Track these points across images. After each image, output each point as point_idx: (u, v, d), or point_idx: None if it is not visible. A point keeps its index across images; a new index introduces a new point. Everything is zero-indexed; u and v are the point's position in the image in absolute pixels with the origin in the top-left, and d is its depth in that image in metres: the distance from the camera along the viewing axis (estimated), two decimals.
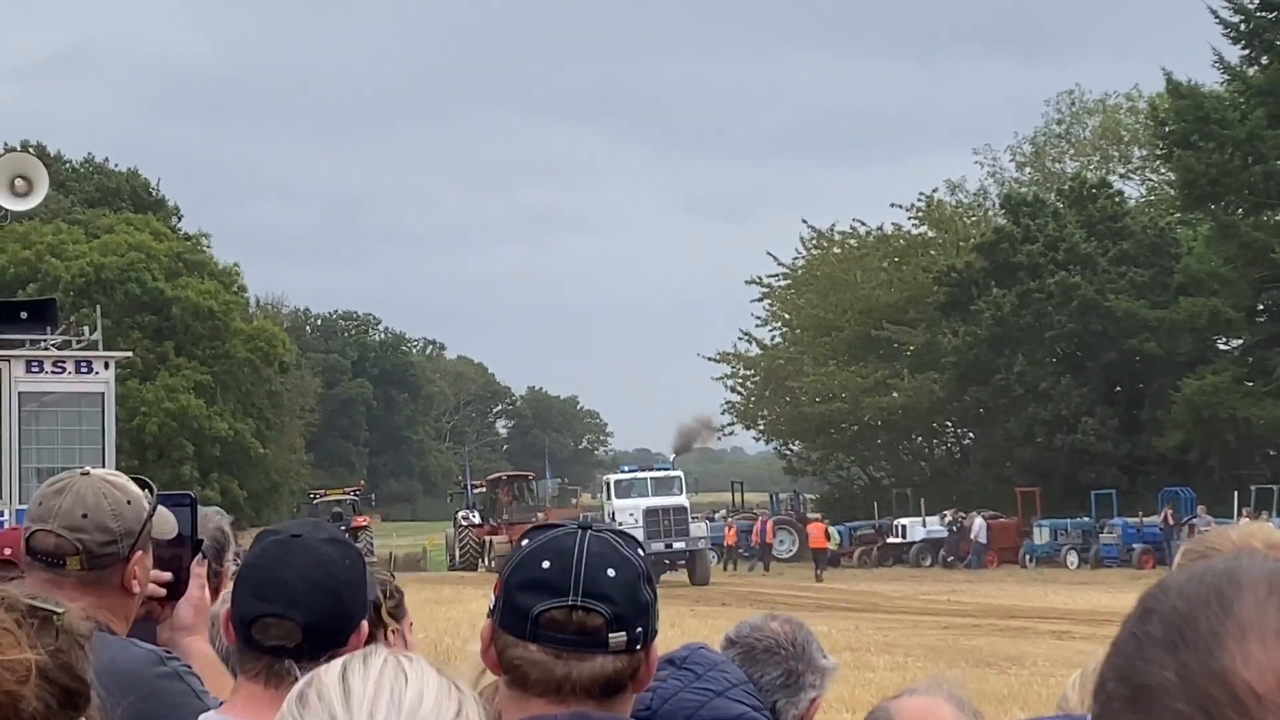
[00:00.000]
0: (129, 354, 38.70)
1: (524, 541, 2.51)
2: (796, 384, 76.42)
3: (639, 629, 2.44)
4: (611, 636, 2.40)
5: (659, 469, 54.42)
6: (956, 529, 58.95)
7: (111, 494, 3.39)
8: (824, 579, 50.19)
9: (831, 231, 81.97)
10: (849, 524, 64.63)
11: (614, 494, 51.89)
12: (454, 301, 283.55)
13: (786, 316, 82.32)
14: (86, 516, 3.34)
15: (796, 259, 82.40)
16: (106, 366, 22.08)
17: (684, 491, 51.78)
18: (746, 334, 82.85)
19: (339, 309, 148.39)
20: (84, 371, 21.55)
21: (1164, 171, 71.92)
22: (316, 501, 68.28)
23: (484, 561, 59.71)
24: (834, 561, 56.09)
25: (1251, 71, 59.83)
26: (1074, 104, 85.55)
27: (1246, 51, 60.06)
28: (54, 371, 21.39)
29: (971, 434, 76.19)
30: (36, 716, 1.89)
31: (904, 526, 61.30)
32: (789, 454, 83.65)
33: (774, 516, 64.10)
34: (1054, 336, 64.59)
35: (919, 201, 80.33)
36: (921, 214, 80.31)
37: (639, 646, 2.44)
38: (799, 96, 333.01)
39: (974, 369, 67.00)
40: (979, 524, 57.82)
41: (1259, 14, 59.03)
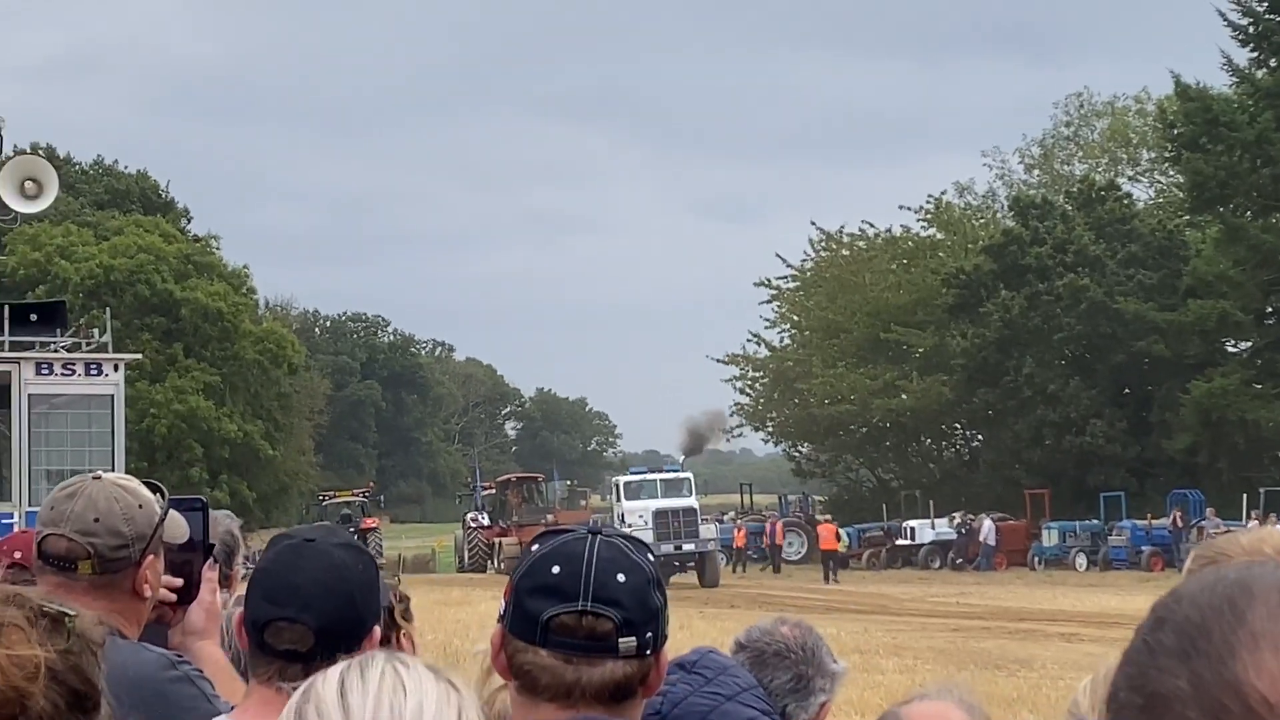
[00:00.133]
0: (138, 356, 38.79)
1: (534, 547, 2.52)
2: (805, 386, 76.35)
3: (649, 634, 2.44)
4: (621, 642, 2.41)
5: (668, 471, 54.30)
6: (965, 531, 58.85)
7: (123, 498, 3.39)
8: (838, 581, 50.11)
9: (840, 233, 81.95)
10: (858, 526, 64.50)
11: (623, 496, 51.78)
12: (460, 302, 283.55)
13: (795, 318, 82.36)
14: (98, 521, 3.34)
15: (805, 261, 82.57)
16: (116, 368, 22.12)
17: (693, 493, 51.64)
18: (755, 336, 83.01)
19: (348, 310, 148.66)
20: (93, 373, 21.60)
21: (1173, 174, 71.83)
22: (325, 503, 68.11)
23: (493, 563, 59.71)
24: (843, 563, 56.03)
25: (1260, 74, 59.79)
26: (1082, 106, 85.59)
27: (1255, 54, 60.03)
28: (64, 373, 21.45)
29: (980, 436, 76.05)
30: (44, 716, 1.88)
31: (913, 529, 61.17)
32: (798, 456, 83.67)
33: (783, 518, 64.09)
34: (1063, 339, 64.56)
35: (928, 204, 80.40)
36: (930, 216, 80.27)
37: (649, 652, 2.45)
38: (801, 97, 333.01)
39: (983, 371, 66.96)
40: (988, 526, 57.72)
41: (1267, 16, 58.97)
